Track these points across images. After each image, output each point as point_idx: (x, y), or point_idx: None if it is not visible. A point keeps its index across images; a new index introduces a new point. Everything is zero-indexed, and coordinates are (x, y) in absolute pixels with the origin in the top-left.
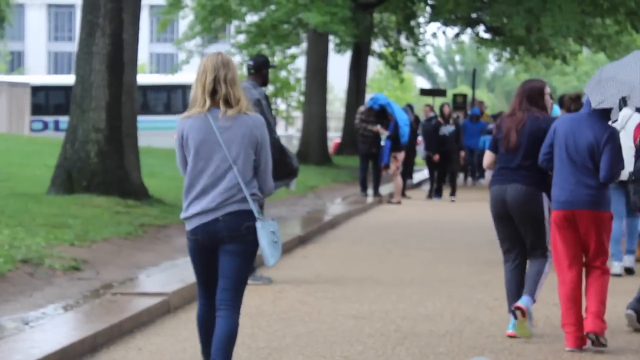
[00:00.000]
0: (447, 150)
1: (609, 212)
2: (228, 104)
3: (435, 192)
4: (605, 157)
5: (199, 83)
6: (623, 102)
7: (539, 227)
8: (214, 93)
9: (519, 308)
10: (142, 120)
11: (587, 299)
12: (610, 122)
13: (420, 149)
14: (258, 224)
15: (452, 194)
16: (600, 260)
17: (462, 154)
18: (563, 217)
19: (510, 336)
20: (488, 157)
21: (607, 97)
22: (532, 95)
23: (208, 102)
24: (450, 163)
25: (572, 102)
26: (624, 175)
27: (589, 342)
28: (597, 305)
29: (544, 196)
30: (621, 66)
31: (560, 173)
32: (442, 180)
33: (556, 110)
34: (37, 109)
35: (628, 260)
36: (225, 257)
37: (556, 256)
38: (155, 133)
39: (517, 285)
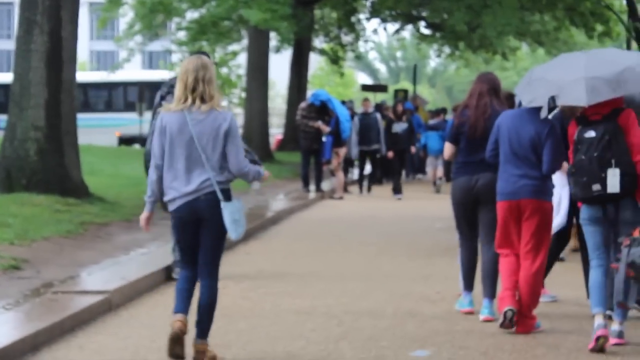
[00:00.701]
0: (401, 149)
1: (551, 202)
2: (203, 100)
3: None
4: (547, 150)
5: (181, 82)
6: (552, 101)
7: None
8: (193, 90)
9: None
10: (83, 118)
11: (520, 294)
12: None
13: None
14: (222, 204)
15: (399, 191)
16: (537, 250)
17: (413, 150)
18: (508, 207)
19: (468, 313)
20: (448, 148)
21: (536, 96)
22: (495, 87)
23: (189, 99)
24: (403, 161)
25: (505, 100)
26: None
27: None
28: (529, 302)
29: None
30: (549, 68)
31: (505, 166)
32: (398, 177)
33: None
34: None
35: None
36: (204, 233)
37: (498, 243)
38: (96, 131)
39: (474, 267)
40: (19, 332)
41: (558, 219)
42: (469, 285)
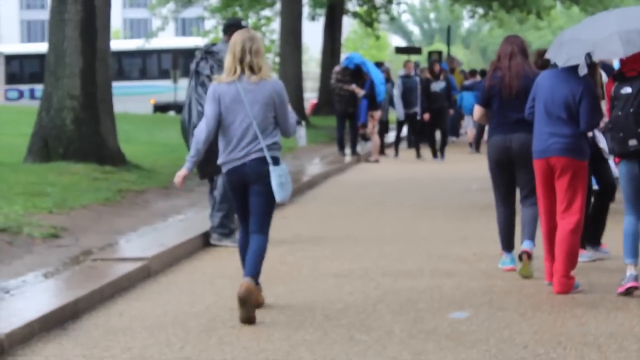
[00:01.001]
0: (438, 108)
1: (585, 161)
2: (252, 70)
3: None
4: (583, 109)
5: (230, 54)
6: (589, 58)
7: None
8: (241, 61)
9: (525, 252)
10: (118, 86)
11: (556, 256)
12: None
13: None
14: (271, 168)
15: (442, 154)
16: (572, 211)
17: (451, 111)
18: (540, 166)
19: (510, 270)
20: (478, 111)
21: (572, 55)
22: (524, 49)
23: (238, 69)
24: (441, 121)
25: (538, 58)
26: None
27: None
28: (564, 265)
29: None
30: (580, 29)
31: (537, 125)
32: (432, 139)
33: None
34: (12, 78)
35: None
36: (252, 195)
37: (539, 205)
38: (131, 99)
39: (511, 228)
40: (59, 300)
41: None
42: (507, 246)
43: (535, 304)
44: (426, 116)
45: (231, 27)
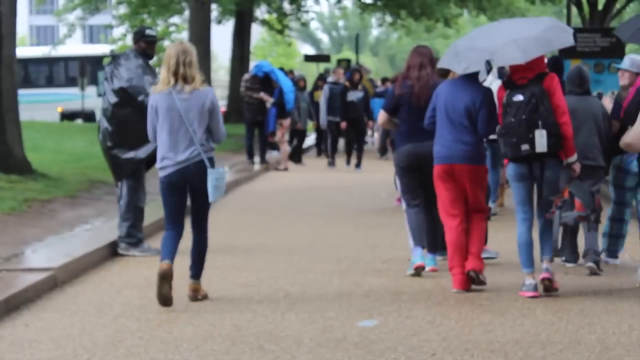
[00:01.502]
0: (358, 116)
1: (484, 165)
2: (186, 81)
3: (330, 161)
4: (482, 116)
5: (164, 66)
6: (488, 65)
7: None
8: (175, 73)
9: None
10: (24, 93)
11: (468, 242)
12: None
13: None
14: (208, 171)
15: (358, 164)
16: (478, 208)
17: (370, 123)
18: (443, 170)
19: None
20: (383, 116)
21: (471, 62)
22: (433, 59)
23: (172, 80)
24: (358, 131)
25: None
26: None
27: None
28: (477, 247)
29: None
30: (472, 38)
31: (441, 132)
32: (350, 148)
33: None
34: None
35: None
36: (194, 196)
37: (442, 207)
38: (37, 106)
39: (420, 226)
40: None
41: None
42: (419, 241)
43: (443, 311)
44: (343, 124)
45: (138, 36)
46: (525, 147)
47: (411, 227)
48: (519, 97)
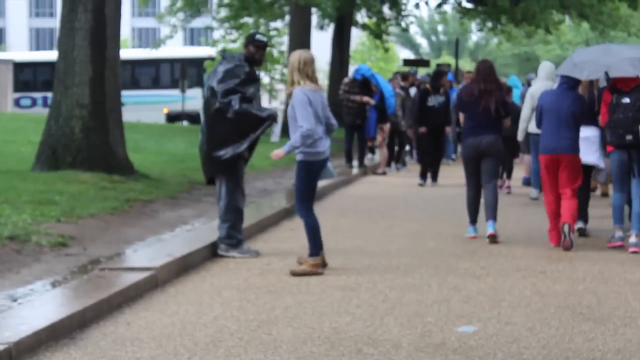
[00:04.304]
0: (436, 125)
1: (579, 156)
2: (315, 81)
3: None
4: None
5: (299, 69)
6: (606, 75)
7: (497, 162)
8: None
9: (492, 235)
10: (130, 95)
11: (562, 210)
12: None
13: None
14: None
15: (434, 178)
16: (570, 187)
17: (448, 130)
18: (550, 159)
19: (492, 236)
20: (459, 117)
21: (591, 72)
22: (490, 72)
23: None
24: (438, 140)
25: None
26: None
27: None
28: (568, 212)
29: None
30: (586, 55)
31: (550, 127)
32: (427, 159)
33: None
34: (24, 86)
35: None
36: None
37: (545, 186)
38: (143, 107)
39: (476, 202)
40: (67, 309)
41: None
42: (473, 219)
43: (543, 318)
44: (422, 129)
45: (247, 41)
46: (629, 137)
47: (469, 204)
48: (626, 100)
